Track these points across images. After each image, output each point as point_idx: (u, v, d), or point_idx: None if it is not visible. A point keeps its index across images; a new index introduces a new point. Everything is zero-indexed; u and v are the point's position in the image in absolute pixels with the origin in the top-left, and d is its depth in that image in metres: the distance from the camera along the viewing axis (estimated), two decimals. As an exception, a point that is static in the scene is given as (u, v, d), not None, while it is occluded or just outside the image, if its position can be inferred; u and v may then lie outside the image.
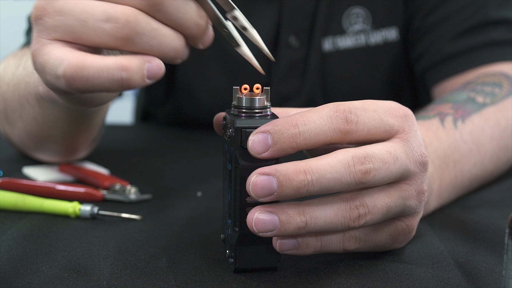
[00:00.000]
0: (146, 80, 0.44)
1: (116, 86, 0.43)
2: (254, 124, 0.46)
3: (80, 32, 0.43)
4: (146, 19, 0.43)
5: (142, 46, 0.44)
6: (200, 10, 0.45)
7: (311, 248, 0.47)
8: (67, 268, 0.50)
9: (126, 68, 0.43)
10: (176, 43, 0.45)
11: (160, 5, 0.43)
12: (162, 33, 0.44)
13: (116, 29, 0.43)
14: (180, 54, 0.45)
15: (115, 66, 0.43)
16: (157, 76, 0.44)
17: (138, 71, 0.43)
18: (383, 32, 0.93)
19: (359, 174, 0.45)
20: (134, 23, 0.43)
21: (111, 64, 0.43)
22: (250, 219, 0.45)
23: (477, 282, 0.48)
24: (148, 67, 0.44)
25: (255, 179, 0.44)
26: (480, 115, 0.69)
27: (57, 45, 0.44)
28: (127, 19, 0.42)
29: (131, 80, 0.43)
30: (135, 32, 0.43)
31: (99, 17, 0.43)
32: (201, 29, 0.45)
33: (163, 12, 0.43)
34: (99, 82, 0.43)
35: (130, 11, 0.43)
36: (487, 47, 0.84)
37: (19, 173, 0.73)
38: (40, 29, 0.44)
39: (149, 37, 0.43)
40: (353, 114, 0.46)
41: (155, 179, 0.74)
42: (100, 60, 0.43)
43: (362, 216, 0.46)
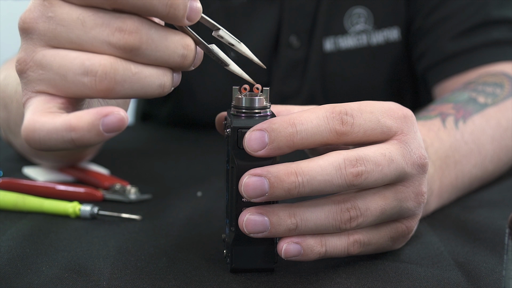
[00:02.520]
0: (105, 134, 0.40)
1: (70, 146, 0.40)
2: (252, 124, 0.46)
3: (62, 86, 0.41)
4: (124, 66, 0.41)
5: (125, 93, 0.42)
6: (184, 39, 0.43)
7: (316, 254, 0.47)
8: (67, 268, 0.50)
9: (74, 128, 0.40)
10: (162, 80, 0.43)
11: (137, 49, 0.41)
12: (144, 75, 0.42)
13: (95, 82, 0.41)
14: (168, 86, 0.44)
15: (63, 127, 0.40)
16: (118, 128, 0.41)
17: (89, 129, 0.40)
18: (385, 32, 0.93)
19: (350, 177, 0.45)
20: (112, 73, 0.41)
21: (59, 125, 0.40)
22: (241, 220, 0.46)
23: (477, 282, 0.48)
24: (104, 121, 0.40)
25: (247, 180, 0.45)
26: (481, 115, 0.69)
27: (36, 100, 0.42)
28: (104, 71, 0.41)
29: (83, 139, 0.40)
30: (114, 82, 0.41)
31: (77, 71, 0.41)
32: (189, 59, 0.44)
33: (142, 55, 0.41)
34: (52, 144, 0.41)
35: (106, 61, 0.41)
36: (488, 46, 0.84)
37: (19, 173, 0.73)
38: (25, 82, 0.42)
39: (131, 83, 0.41)
40: (349, 116, 0.46)
41: (155, 179, 0.74)
42: (50, 122, 0.40)
43: (353, 219, 0.46)
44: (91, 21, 0.41)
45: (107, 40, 0.41)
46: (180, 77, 0.45)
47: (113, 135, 0.41)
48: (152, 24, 0.42)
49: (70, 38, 0.41)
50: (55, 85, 0.42)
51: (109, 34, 0.41)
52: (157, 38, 0.42)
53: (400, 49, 0.94)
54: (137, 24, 0.41)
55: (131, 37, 0.41)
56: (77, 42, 0.41)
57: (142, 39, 0.41)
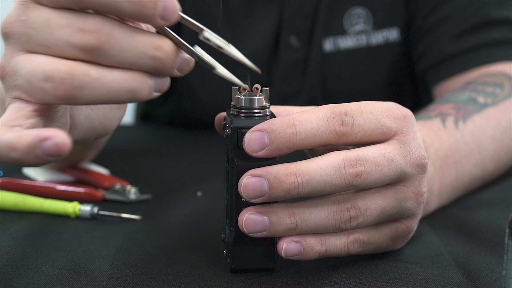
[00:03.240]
0: (44, 158, 0.38)
1: (15, 163, 0.39)
2: (251, 124, 0.46)
3: (30, 92, 0.40)
4: (84, 71, 0.39)
5: (87, 99, 0.40)
6: (157, 40, 0.40)
7: (316, 253, 0.47)
8: (67, 268, 0.50)
9: (15, 148, 0.38)
10: (130, 84, 0.40)
11: (97, 49, 0.39)
12: (107, 79, 0.40)
13: (54, 88, 0.39)
14: (143, 92, 0.41)
15: (6, 146, 0.39)
16: (56, 154, 0.38)
17: (27, 151, 0.38)
18: (384, 32, 0.93)
19: (350, 177, 0.45)
20: (69, 79, 0.39)
21: (2, 143, 0.39)
22: (240, 219, 0.46)
23: (477, 282, 0.48)
24: (42, 146, 0.38)
25: (246, 180, 0.45)
26: (481, 115, 0.69)
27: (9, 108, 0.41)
28: (61, 77, 0.39)
29: (23, 161, 0.39)
30: (72, 88, 0.39)
31: (39, 76, 0.39)
32: (164, 61, 0.41)
33: (105, 56, 0.39)
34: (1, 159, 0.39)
35: (65, 66, 0.39)
36: (488, 47, 0.84)
37: (19, 173, 0.73)
38: (5, 88, 0.42)
39: (92, 88, 0.39)
40: (349, 116, 0.46)
41: (155, 179, 0.74)
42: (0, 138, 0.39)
43: (353, 218, 0.46)
44: (56, 22, 0.40)
45: (69, 41, 0.39)
46: (165, 83, 0.42)
47: (54, 159, 0.39)
48: (117, 24, 0.40)
49: (39, 41, 0.40)
50: (25, 91, 0.41)
51: (70, 35, 0.39)
52: (121, 38, 0.40)
53: (400, 50, 0.94)
54: (98, 24, 0.39)
55: (91, 37, 0.39)
56: (45, 44, 0.40)
57: (102, 38, 0.39)
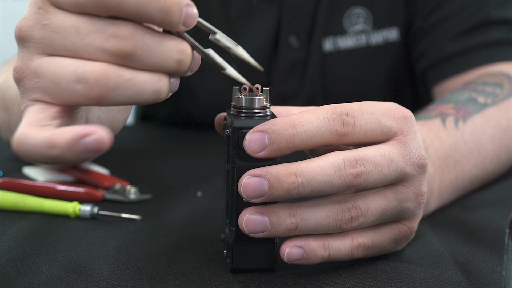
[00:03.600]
0: (84, 154, 0.39)
1: (55, 162, 0.40)
2: (252, 124, 0.46)
3: (56, 94, 0.41)
4: (117, 72, 0.41)
5: (118, 99, 0.41)
6: (180, 44, 0.43)
7: (319, 258, 0.47)
8: (67, 268, 0.50)
9: (54, 145, 0.39)
10: (157, 85, 0.42)
11: (132, 55, 0.41)
12: (138, 81, 0.41)
13: (88, 89, 0.40)
14: (164, 92, 0.43)
15: (44, 144, 0.39)
16: (97, 150, 0.39)
17: (68, 148, 0.39)
18: (384, 32, 0.93)
19: (350, 177, 0.45)
20: (104, 80, 0.40)
21: (41, 141, 0.40)
22: (241, 219, 0.46)
23: (477, 282, 0.48)
24: (84, 142, 0.39)
25: (246, 180, 0.45)
26: (481, 115, 0.69)
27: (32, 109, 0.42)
28: (96, 78, 0.40)
29: (63, 157, 0.39)
30: (106, 89, 0.40)
31: (70, 78, 0.40)
32: (185, 64, 0.43)
33: (137, 61, 0.41)
34: (37, 158, 0.40)
35: (99, 68, 0.40)
36: (488, 47, 0.84)
37: (19, 173, 0.73)
38: (22, 90, 0.43)
39: (124, 89, 0.41)
40: (349, 117, 0.46)
41: (155, 179, 0.74)
42: (36, 136, 0.40)
43: (354, 219, 0.46)
44: (86, 27, 0.41)
45: (102, 47, 0.40)
46: (178, 83, 0.45)
47: (94, 155, 0.40)
48: (147, 30, 0.41)
49: (65, 45, 0.41)
50: (49, 93, 0.42)
51: (103, 40, 0.40)
52: (152, 44, 0.41)
53: (399, 49, 0.94)
54: (132, 30, 0.41)
55: (125, 43, 0.40)
56: (72, 49, 0.41)
57: (136, 45, 0.41)
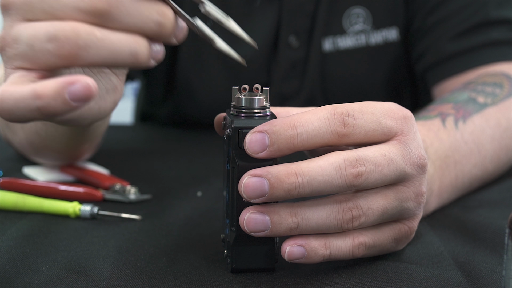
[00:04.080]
0: (72, 103, 0.39)
1: (38, 115, 0.40)
2: (252, 124, 0.46)
3: (32, 57, 0.41)
4: (88, 30, 0.40)
5: (92, 59, 0.41)
6: (160, 6, 0.42)
7: (320, 257, 0.47)
8: (67, 268, 0.50)
9: (40, 95, 0.39)
10: (133, 47, 0.42)
11: (107, 13, 0.41)
12: (111, 40, 0.41)
13: (58, 47, 0.40)
14: (144, 56, 0.42)
15: (29, 95, 0.39)
16: (85, 97, 0.39)
17: (54, 96, 0.39)
18: (384, 32, 0.93)
19: (350, 177, 0.45)
20: (74, 37, 0.40)
21: (25, 93, 0.40)
22: (242, 219, 0.46)
23: (477, 282, 0.48)
24: (70, 90, 0.39)
25: (246, 180, 0.45)
26: (481, 115, 0.69)
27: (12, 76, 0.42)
28: (65, 35, 0.40)
29: (49, 107, 0.39)
30: (77, 46, 0.40)
31: (42, 38, 0.40)
32: (166, 28, 0.43)
33: (114, 20, 0.41)
34: (20, 113, 0.40)
35: (69, 26, 0.40)
36: (488, 47, 0.84)
37: (19, 173, 0.73)
38: (5, 60, 0.43)
39: (96, 48, 0.40)
40: (350, 117, 0.46)
41: (155, 179, 0.74)
42: (18, 90, 0.40)
43: (355, 218, 0.46)
44: None
45: (77, 6, 0.41)
46: (162, 50, 0.44)
47: (81, 104, 0.40)
48: None
49: (43, 8, 0.41)
50: (27, 57, 0.41)
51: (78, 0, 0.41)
52: (128, 3, 0.41)
53: (399, 49, 0.94)
54: None
55: (100, 1, 0.41)
56: (50, 11, 0.41)
57: (111, 3, 0.41)
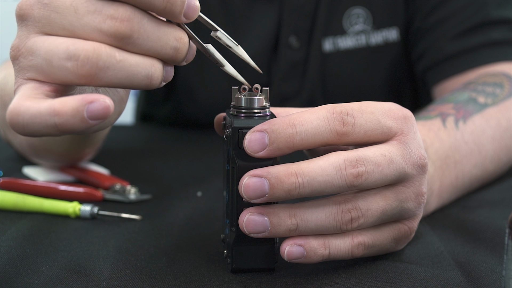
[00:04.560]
0: (89, 121, 0.40)
1: (54, 131, 0.40)
2: (252, 124, 0.46)
3: (48, 72, 0.41)
4: (109, 52, 0.41)
5: (109, 80, 0.41)
6: (178, 32, 0.43)
7: (319, 257, 0.47)
8: (67, 268, 0.50)
9: (58, 113, 0.40)
10: (149, 70, 0.42)
11: (128, 37, 0.41)
12: (130, 63, 0.41)
13: (78, 66, 0.40)
14: (157, 79, 0.43)
15: (47, 112, 0.40)
16: (102, 116, 0.40)
17: (73, 114, 0.40)
18: (384, 32, 0.93)
19: (351, 177, 0.45)
20: (95, 58, 0.40)
21: (43, 109, 0.40)
22: (241, 220, 0.46)
23: (477, 282, 0.48)
24: (89, 108, 0.40)
25: (247, 181, 0.45)
26: (481, 115, 0.69)
27: (24, 87, 0.42)
28: (86, 56, 0.40)
29: (66, 125, 0.40)
30: (97, 67, 0.40)
31: (61, 55, 0.41)
32: (181, 52, 0.43)
33: (133, 44, 0.41)
34: (35, 128, 0.40)
35: (90, 46, 0.40)
36: (488, 47, 0.84)
37: (19, 173, 0.73)
38: (17, 69, 0.43)
39: (114, 70, 0.41)
40: (349, 116, 0.46)
41: (155, 179, 0.74)
42: (35, 106, 0.40)
43: (354, 219, 0.46)
44: (84, 8, 0.41)
45: (99, 27, 0.41)
46: (172, 72, 0.45)
47: (98, 123, 0.40)
48: (145, 14, 0.42)
49: (63, 24, 0.41)
50: (42, 71, 0.42)
51: (100, 21, 0.41)
52: (149, 28, 0.42)
53: (399, 50, 0.94)
54: (130, 13, 0.41)
55: (122, 25, 0.41)
56: (70, 28, 0.41)
57: (133, 27, 0.41)
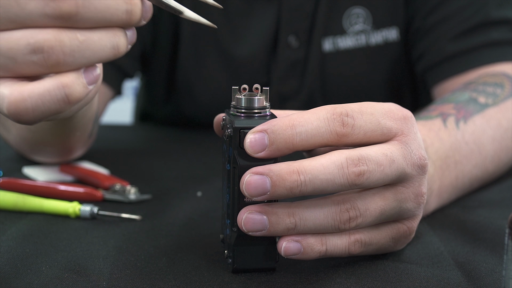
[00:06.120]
0: (88, 87, 0.41)
1: (63, 104, 0.41)
2: (253, 124, 0.46)
3: (15, 68, 0.41)
4: (70, 36, 0.40)
5: (78, 62, 0.41)
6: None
7: (316, 253, 0.47)
8: (67, 268, 0.50)
9: (66, 83, 0.40)
10: (113, 41, 0.42)
11: (75, 15, 0.40)
12: (93, 40, 0.41)
13: (44, 58, 0.40)
14: (123, 46, 0.43)
15: (55, 86, 0.40)
16: (96, 78, 0.42)
17: (77, 82, 0.41)
18: (384, 32, 0.93)
19: (353, 176, 0.45)
20: (58, 46, 0.40)
21: (50, 86, 0.40)
22: (240, 218, 0.46)
23: (477, 282, 0.48)
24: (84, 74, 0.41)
25: (248, 178, 0.45)
26: (482, 116, 0.69)
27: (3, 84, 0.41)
28: (50, 46, 0.40)
29: (74, 93, 0.41)
30: (63, 54, 0.40)
31: (24, 51, 0.40)
32: (135, 13, 0.42)
33: (83, 20, 0.40)
34: (44, 108, 0.40)
35: (50, 35, 0.40)
36: (488, 47, 0.84)
37: (19, 173, 0.73)
38: None
39: (80, 51, 0.40)
40: (349, 117, 0.46)
41: (155, 179, 0.74)
42: (39, 85, 0.40)
43: (352, 219, 0.46)
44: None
45: (44, 12, 0.40)
46: (134, 34, 0.44)
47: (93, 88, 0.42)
48: None
49: (9, 18, 0.40)
50: (9, 69, 0.41)
51: (43, 5, 0.40)
52: None
53: (399, 50, 0.94)
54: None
55: (65, 4, 0.40)
56: (18, 20, 0.40)
57: (77, 3, 0.40)
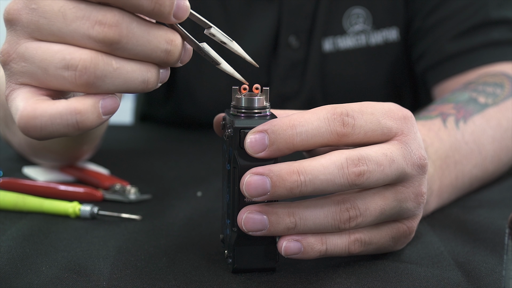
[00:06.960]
0: (103, 117, 0.42)
1: (72, 130, 0.41)
2: (253, 124, 0.46)
3: (44, 79, 0.41)
4: (105, 61, 0.41)
5: (106, 88, 0.42)
6: (168, 34, 0.43)
7: (316, 252, 0.47)
8: (67, 268, 0.50)
9: (80, 111, 0.41)
10: (145, 75, 0.43)
11: (117, 43, 0.41)
12: (126, 70, 0.42)
13: (75, 76, 0.41)
14: (153, 83, 0.43)
15: (68, 111, 0.41)
16: (113, 110, 0.42)
17: (92, 111, 0.41)
18: (384, 32, 0.93)
19: (353, 176, 0.45)
20: (92, 68, 0.41)
21: (63, 109, 0.41)
22: (240, 218, 0.46)
23: (477, 282, 0.48)
24: (102, 104, 0.42)
25: (248, 178, 0.45)
26: (482, 115, 0.69)
27: (22, 91, 0.42)
28: (84, 66, 0.40)
29: (86, 121, 0.41)
30: (94, 76, 0.41)
31: (58, 65, 0.41)
32: (174, 55, 0.43)
33: (123, 49, 0.41)
34: (53, 129, 0.41)
35: (87, 55, 0.41)
36: (488, 47, 0.84)
37: (19, 173, 0.73)
38: (8, 74, 0.43)
39: (112, 78, 0.41)
40: (349, 117, 0.46)
41: (155, 179, 0.74)
42: (52, 107, 0.41)
43: (352, 219, 0.46)
44: (72, 13, 0.41)
45: (87, 34, 0.40)
46: (168, 74, 0.45)
47: (108, 118, 0.42)
48: (134, 18, 0.41)
49: (51, 30, 0.41)
50: (37, 78, 0.42)
51: (89, 27, 0.40)
52: (138, 33, 0.41)
53: (399, 50, 0.94)
54: (118, 18, 0.41)
55: (111, 30, 0.40)
56: (59, 35, 0.41)
57: (122, 32, 0.41)
